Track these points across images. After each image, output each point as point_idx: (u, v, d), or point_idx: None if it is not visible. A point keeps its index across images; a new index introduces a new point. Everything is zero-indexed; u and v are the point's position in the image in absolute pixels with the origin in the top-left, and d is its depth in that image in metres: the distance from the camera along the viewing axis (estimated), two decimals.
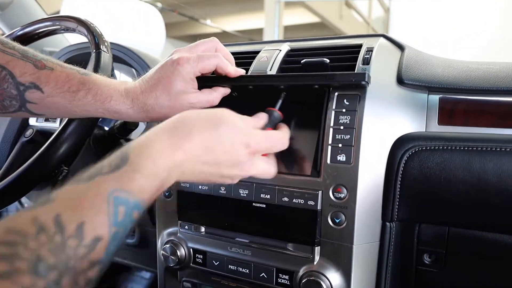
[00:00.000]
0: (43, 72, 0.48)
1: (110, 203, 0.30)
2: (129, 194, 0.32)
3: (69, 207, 0.28)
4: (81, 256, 0.27)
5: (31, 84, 0.47)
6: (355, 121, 0.50)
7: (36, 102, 0.48)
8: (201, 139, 0.40)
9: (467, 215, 0.52)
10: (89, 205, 0.29)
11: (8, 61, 0.46)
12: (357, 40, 0.61)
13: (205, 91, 0.53)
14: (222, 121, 0.42)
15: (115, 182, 0.32)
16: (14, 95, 0.47)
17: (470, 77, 0.55)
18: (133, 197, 0.32)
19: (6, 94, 0.46)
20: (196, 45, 0.54)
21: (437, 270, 0.57)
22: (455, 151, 0.50)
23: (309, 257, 0.52)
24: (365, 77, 0.49)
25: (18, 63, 0.47)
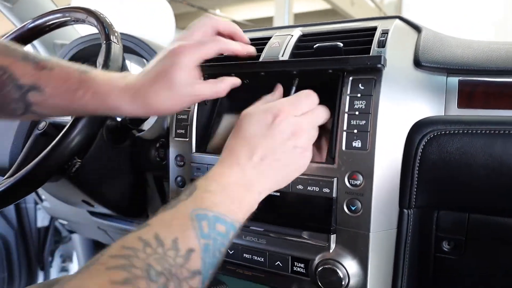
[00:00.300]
0: (43, 72, 0.48)
1: (194, 219, 0.36)
2: (206, 210, 0.37)
3: (163, 227, 0.34)
4: (180, 265, 0.32)
5: (31, 86, 0.47)
6: (370, 106, 0.49)
7: (39, 104, 0.48)
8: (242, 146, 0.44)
9: (487, 200, 0.50)
10: (178, 224, 0.35)
11: (10, 63, 0.46)
12: (371, 23, 0.59)
13: (210, 81, 0.51)
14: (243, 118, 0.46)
15: (193, 204, 0.38)
16: (17, 97, 0.47)
17: (491, 57, 0.53)
18: (210, 212, 0.37)
19: (10, 97, 0.47)
20: (192, 31, 0.51)
21: (456, 257, 0.56)
22: (475, 134, 0.48)
23: (325, 245, 0.51)
24: (381, 60, 0.47)
25: (19, 65, 0.47)
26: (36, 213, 1.32)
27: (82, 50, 0.90)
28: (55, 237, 1.39)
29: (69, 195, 0.81)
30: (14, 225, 1.31)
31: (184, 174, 0.62)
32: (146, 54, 0.81)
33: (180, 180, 0.62)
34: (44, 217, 1.33)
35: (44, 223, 1.34)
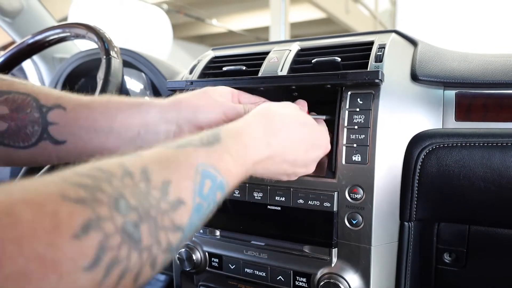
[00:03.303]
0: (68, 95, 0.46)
1: (198, 173, 0.30)
2: (217, 172, 0.32)
3: (157, 164, 0.28)
4: (163, 211, 0.26)
5: (54, 105, 0.45)
6: (369, 120, 0.49)
7: (57, 122, 0.45)
8: (290, 137, 0.42)
9: (487, 212, 0.50)
10: (176, 168, 0.29)
11: (34, 90, 0.45)
12: (368, 37, 0.60)
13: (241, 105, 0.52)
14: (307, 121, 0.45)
15: (205, 156, 0.32)
16: (36, 118, 0.45)
17: (487, 70, 0.54)
18: (220, 176, 0.32)
19: (29, 119, 0.45)
20: None
21: (457, 269, 0.56)
22: (474, 147, 0.48)
23: (327, 259, 0.51)
24: (378, 75, 0.48)
25: (44, 90, 0.46)
26: None
27: (82, 65, 0.91)
28: None
29: None
30: None
31: None
32: (145, 69, 0.82)
33: None
34: None
35: None
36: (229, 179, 0.33)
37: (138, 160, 0.28)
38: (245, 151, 0.36)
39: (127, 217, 0.23)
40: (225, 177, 0.33)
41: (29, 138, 0.45)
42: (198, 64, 0.68)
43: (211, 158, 0.32)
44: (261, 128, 0.39)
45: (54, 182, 0.22)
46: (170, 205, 0.27)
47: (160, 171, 0.28)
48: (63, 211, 0.20)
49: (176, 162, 0.30)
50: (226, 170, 0.33)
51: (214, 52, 0.71)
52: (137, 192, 0.25)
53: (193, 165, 0.30)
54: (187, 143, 0.32)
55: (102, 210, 0.22)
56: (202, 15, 6.53)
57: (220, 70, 0.64)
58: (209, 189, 0.31)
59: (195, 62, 0.70)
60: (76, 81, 0.96)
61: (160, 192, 0.27)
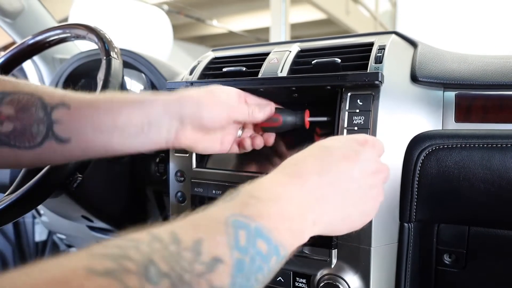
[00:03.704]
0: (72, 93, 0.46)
1: (229, 225, 0.27)
2: (247, 219, 0.28)
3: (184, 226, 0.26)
4: (198, 274, 0.24)
5: (58, 103, 0.45)
6: (369, 122, 0.49)
7: (62, 120, 0.44)
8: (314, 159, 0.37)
9: (488, 214, 0.51)
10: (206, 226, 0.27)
11: (38, 90, 0.45)
12: (368, 38, 0.60)
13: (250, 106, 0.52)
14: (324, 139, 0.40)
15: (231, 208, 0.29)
16: (41, 117, 0.44)
17: (487, 72, 0.54)
18: (253, 222, 0.29)
19: (34, 118, 0.44)
20: None
21: (457, 270, 0.56)
22: (474, 148, 0.48)
23: (326, 260, 0.51)
24: (378, 76, 0.48)
25: (48, 90, 0.46)
26: (34, 228, 1.31)
27: (82, 65, 0.91)
28: (53, 251, 1.38)
29: (69, 210, 0.81)
30: (11, 240, 1.30)
31: (185, 190, 0.62)
32: (145, 69, 0.82)
33: (180, 196, 0.63)
34: (42, 231, 1.32)
35: (42, 238, 1.33)
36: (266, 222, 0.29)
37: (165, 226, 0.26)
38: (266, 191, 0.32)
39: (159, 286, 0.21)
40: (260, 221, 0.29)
41: (35, 137, 0.45)
42: (198, 65, 0.68)
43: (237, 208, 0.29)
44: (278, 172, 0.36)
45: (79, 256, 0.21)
46: (206, 266, 0.24)
47: (189, 231, 0.26)
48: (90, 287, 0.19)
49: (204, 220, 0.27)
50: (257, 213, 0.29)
51: (214, 53, 0.71)
52: (167, 256, 0.23)
53: (221, 219, 0.28)
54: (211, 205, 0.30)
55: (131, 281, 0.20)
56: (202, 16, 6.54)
57: (220, 71, 0.64)
58: (245, 240, 0.27)
59: (195, 63, 0.70)
60: (77, 81, 0.96)
61: (192, 253, 0.24)
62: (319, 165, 0.36)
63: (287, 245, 0.31)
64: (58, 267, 0.19)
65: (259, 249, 0.28)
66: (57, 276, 0.18)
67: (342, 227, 0.37)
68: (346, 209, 0.36)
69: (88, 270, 0.19)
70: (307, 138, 0.57)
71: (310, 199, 0.34)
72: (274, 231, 0.30)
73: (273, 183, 0.33)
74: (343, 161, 0.37)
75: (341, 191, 0.36)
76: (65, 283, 0.18)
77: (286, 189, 0.33)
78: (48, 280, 0.18)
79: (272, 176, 0.35)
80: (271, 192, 0.32)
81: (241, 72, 0.61)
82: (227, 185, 0.57)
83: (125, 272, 0.20)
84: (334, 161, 0.36)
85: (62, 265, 0.19)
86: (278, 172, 0.35)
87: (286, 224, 0.31)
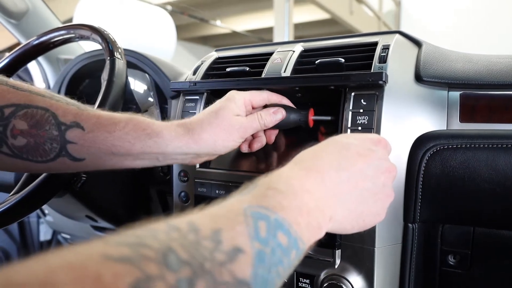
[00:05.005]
0: (86, 111, 0.46)
1: (248, 216, 0.26)
2: (267, 210, 0.28)
3: (202, 217, 0.25)
4: (220, 262, 0.23)
5: (72, 123, 0.45)
6: (373, 122, 0.49)
7: (76, 142, 0.45)
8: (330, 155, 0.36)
9: (493, 214, 0.50)
10: (224, 217, 0.26)
11: (52, 104, 0.45)
12: (372, 38, 0.59)
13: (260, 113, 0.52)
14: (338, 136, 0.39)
15: (250, 199, 0.29)
16: (55, 135, 0.45)
17: (492, 71, 0.54)
18: (273, 214, 0.28)
19: (48, 136, 0.45)
20: None
21: (462, 271, 0.56)
22: (479, 149, 0.48)
23: (330, 260, 0.51)
24: (382, 76, 0.48)
25: (62, 106, 0.46)
26: (39, 227, 1.31)
27: (86, 66, 0.91)
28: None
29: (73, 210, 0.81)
30: (16, 239, 1.31)
31: (188, 190, 0.62)
32: (149, 70, 0.82)
33: (184, 196, 0.63)
34: (47, 231, 1.33)
35: (46, 237, 1.34)
36: (286, 215, 0.29)
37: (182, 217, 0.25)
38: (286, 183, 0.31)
39: (180, 274, 0.20)
40: (280, 213, 0.28)
41: (48, 154, 0.45)
42: (202, 65, 0.68)
43: (255, 199, 0.29)
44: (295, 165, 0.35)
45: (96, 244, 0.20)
46: (227, 255, 0.23)
47: (207, 221, 0.25)
48: (107, 273, 0.18)
49: (222, 211, 0.27)
50: (276, 205, 0.29)
51: (218, 53, 0.71)
52: (187, 244, 0.22)
53: (240, 210, 0.27)
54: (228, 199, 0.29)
55: (150, 268, 0.19)
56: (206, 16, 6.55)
57: (224, 71, 0.64)
58: (266, 231, 0.26)
59: (199, 63, 0.70)
60: (81, 82, 0.96)
61: (212, 242, 0.23)
62: (336, 160, 0.35)
63: (305, 240, 0.30)
64: (75, 254, 0.19)
65: (279, 241, 0.27)
66: (73, 262, 0.18)
67: (354, 225, 0.37)
68: (359, 207, 0.36)
69: (104, 257, 0.19)
70: (310, 137, 0.57)
71: (328, 194, 0.33)
72: (294, 224, 0.29)
73: (291, 176, 0.32)
74: (359, 158, 0.36)
75: (356, 189, 0.35)
76: (81, 269, 0.18)
77: (305, 183, 0.32)
78: (64, 265, 0.18)
79: (289, 169, 0.34)
80: (290, 185, 0.31)
81: (244, 72, 0.61)
82: (230, 185, 0.57)
83: (144, 259, 0.20)
84: (351, 158, 0.36)
85: (79, 252, 0.19)
86: (295, 166, 0.34)
87: (305, 218, 0.30)
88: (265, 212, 0.28)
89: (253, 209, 0.27)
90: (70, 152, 0.45)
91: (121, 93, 0.63)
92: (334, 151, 0.36)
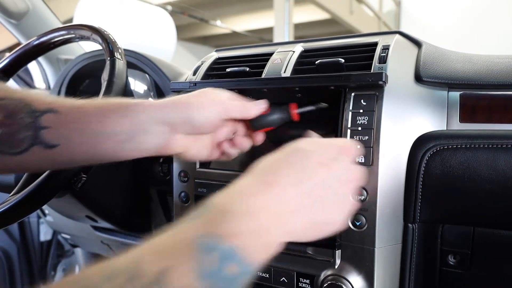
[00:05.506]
0: (62, 99, 0.45)
1: (196, 250, 0.26)
2: (218, 239, 0.27)
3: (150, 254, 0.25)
4: None
5: (47, 109, 0.44)
6: (373, 122, 0.49)
7: (50, 126, 0.43)
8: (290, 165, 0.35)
9: (493, 214, 0.50)
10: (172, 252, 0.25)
11: (28, 95, 0.44)
12: (372, 38, 0.59)
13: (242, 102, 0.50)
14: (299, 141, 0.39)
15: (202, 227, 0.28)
16: (29, 122, 0.43)
17: (492, 71, 0.54)
18: (225, 243, 0.27)
19: (22, 124, 0.43)
20: None
21: (462, 271, 0.56)
22: (479, 149, 0.48)
23: (330, 260, 0.51)
24: (382, 76, 0.48)
25: (38, 96, 0.45)
26: (39, 227, 1.32)
27: (86, 66, 0.91)
28: (57, 251, 1.39)
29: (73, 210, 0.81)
30: (17, 240, 1.31)
31: (188, 190, 0.62)
32: (149, 70, 0.82)
33: (184, 196, 0.63)
34: (47, 231, 1.33)
35: (47, 237, 1.34)
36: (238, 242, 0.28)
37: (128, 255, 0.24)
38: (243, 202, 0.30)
39: None
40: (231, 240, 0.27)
41: (22, 143, 0.44)
42: (202, 66, 0.69)
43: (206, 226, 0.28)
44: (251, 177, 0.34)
45: None
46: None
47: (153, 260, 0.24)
48: None
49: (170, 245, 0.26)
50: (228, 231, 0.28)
51: (218, 53, 0.72)
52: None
53: (189, 241, 0.26)
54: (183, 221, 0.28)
55: None
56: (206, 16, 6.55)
57: (224, 71, 0.65)
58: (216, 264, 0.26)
59: (199, 63, 0.70)
60: (81, 82, 0.97)
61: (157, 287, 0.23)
62: (298, 172, 0.35)
63: (258, 261, 0.30)
64: None
65: (230, 272, 0.27)
66: None
67: (311, 235, 0.36)
68: (319, 217, 0.35)
69: None
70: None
71: (288, 209, 0.33)
72: (248, 249, 0.28)
73: (250, 193, 0.32)
74: (321, 168, 0.36)
75: (317, 200, 0.35)
76: None
77: (264, 200, 0.32)
78: None
79: (247, 183, 0.33)
80: (246, 205, 0.30)
81: (244, 72, 0.61)
82: None
83: None
84: (312, 168, 0.35)
85: None
86: (255, 179, 0.34)
87: (261, 240, 0.30)
88: (217, 241, 0.27)
89: (203, 240, 0.26)
90: (44, 138, 0.43)
91: (121, 93, 0.63)
92: (296, 162, 0.35)
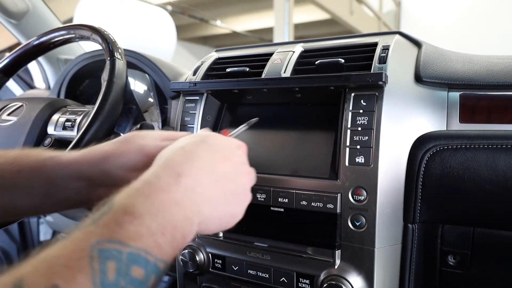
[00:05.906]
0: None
1: (94, 258, 0.23)
2: (118, 245, 0.24)
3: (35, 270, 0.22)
4: None
5: None
6: (373, 122, 0.49)
7: None
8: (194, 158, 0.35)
9: (493, 215, 0.50)
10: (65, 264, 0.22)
11: None
12: (372, 39, 0.59)
13: None
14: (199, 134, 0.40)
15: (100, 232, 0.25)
16: None
17: (492, 72, 0.54)
18: (126, 248, 0.25)
19: None
20: None
21: (462, 271, 0.56)
22: (478, 149, 0.48)
23: (330, 261, 0.51)
24: (382, 77, 0.48)
25: None
26: (39, 227, 1.31)
27: (86, 66, 0.91)
28: None
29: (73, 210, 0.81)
30: (16, 240, 1.31)
31: None
32: (149, 70, 0.82)
33: None
34: (47, 231, 1.33)
35: (46, 237, 1.34)
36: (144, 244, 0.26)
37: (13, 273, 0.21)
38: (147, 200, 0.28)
39: None
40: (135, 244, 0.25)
41: None
42: (202, 66, 0.68)
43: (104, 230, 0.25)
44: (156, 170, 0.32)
45: None
46: None
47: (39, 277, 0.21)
48: None
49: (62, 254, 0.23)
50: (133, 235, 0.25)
51: (218, 54, 0.72)
52: None
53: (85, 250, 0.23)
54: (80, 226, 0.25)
55: None
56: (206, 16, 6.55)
57: (224, 72, 0.65)
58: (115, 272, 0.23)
59: (199, 64, 0.70)
60: (81, 82, 0.97)
61: None
62: (208, 163, 0.35)
63: (168, 257, 0.28)
64: None
65: (134, 277, 0.25)
66: None
67: (217, 226, 0.36)
68: (224, 208, 0.36)
69: None
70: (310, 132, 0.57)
71: (198, 200, 0.32)
72: (154, 249, 0.26)
73: (159, 187, 0.30)
74: (226, 161, 0.37)
75: (223, 191, 0.35)
76: None
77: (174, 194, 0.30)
78: None
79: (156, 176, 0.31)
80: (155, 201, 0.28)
81: (244, 73, 0.61)
82: None
83: None
84: (219, 161, 0.36)
85: None
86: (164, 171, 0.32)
87: (168, 235, 0.28)
88: (117, 247, 0.24)
89: (102, 246, 0.24)
90: None
91: (121, 93, 0.63)
92: (205, 153, 0.36)
